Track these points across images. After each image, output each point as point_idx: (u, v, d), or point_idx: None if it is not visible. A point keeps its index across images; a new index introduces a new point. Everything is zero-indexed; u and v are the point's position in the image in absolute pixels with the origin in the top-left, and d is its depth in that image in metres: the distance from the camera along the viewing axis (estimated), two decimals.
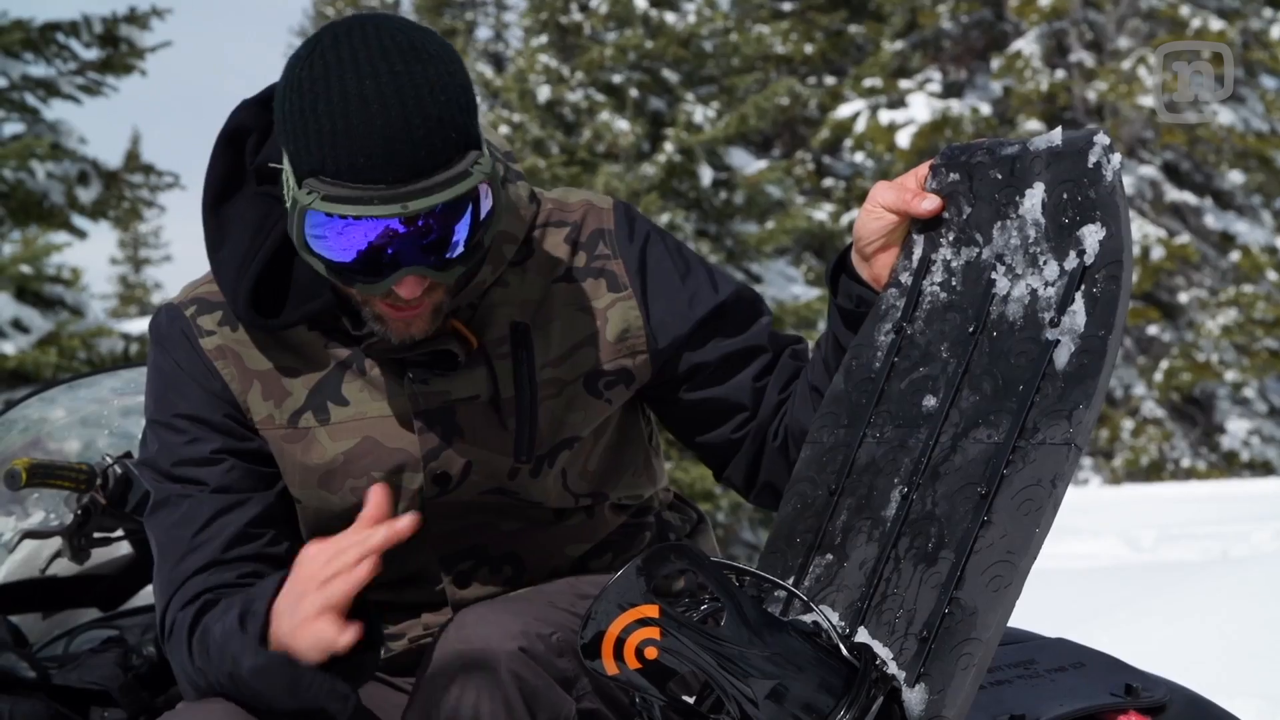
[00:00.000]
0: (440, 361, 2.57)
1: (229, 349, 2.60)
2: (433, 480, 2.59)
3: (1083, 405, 2.08)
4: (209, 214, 2.60)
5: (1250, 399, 27.64)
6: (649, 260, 2.69)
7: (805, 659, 2.04)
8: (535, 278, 2.65)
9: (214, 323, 2.62)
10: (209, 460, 2.58)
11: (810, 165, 31.91)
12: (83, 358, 14.40)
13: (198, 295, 2.65)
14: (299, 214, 2.34)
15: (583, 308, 2.65)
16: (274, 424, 2.59)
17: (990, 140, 2.34)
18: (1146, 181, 27.46)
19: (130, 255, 66.06)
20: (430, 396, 2.57)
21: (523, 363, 2.60)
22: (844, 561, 2.25)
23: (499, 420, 2.59)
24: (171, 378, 2.62)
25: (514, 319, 2.61)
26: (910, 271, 2.37)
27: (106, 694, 3.30)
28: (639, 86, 23.59)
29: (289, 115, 2.36)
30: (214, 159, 2.62)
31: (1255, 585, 7.74)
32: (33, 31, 14.48)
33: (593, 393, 2.64)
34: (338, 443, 2.58)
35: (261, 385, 2.59)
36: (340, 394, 2.58)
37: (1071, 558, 10.92)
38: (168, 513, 2.58)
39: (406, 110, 2.30)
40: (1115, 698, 2.46)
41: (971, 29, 30.91)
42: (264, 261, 2.54)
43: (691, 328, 2.66)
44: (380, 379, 2.57)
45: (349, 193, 2.30)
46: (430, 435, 2.57)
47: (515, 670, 2.29)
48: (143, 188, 15.65)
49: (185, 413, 2.60)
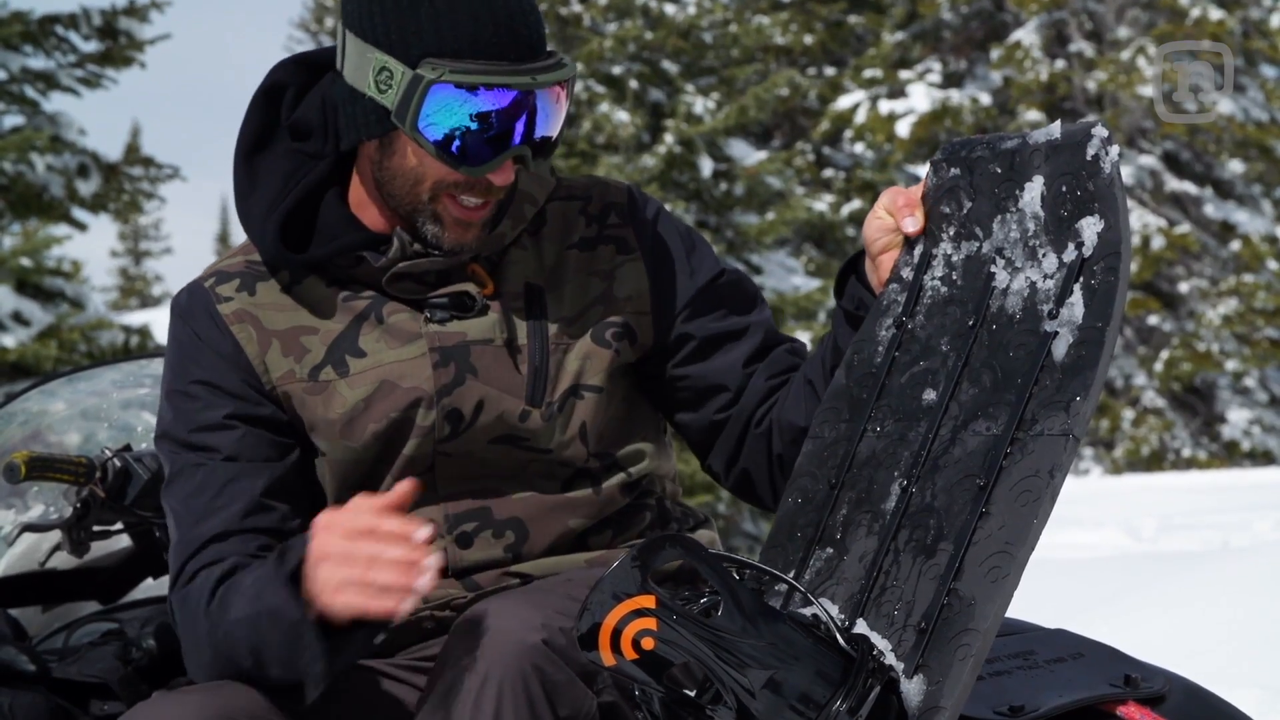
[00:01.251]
0: (458, 304, 2.65)
1: (247, 312, 2.66)
2: (445, 417, 2.62)
3: (1080, 396, 2.08)
4: (241, 164, 2.71)
5: (1251, 388, 27.65)
6: (658, 230, 2.79)
7: (802, 649, 2.04)
8: (549, 245, 2.74)
9: (232, 289, 2.68)
10: (223, 425, 2.62)
11: (810, 156, 31.88)
12: (83, 350, 14.40)
13: (217, 269, 2.74)
14: (421, 91, 2.49)
15: (593, 271, 2.73)
16: (295, 378, 2.64)
17: (990, 135, 2.35)
18: (1146, 171, 27.45)
19: (130, 248, 66.07)
20: (446, 335, 2.63)
21: (536, 317, 2.68)
22: (844, 555, 2.26)
23: (513, 364, 2.65)
24: (189, 347, 2.67)
25: (528, 280, 2.70)
26: (911, 267, 2.38)
27: (106, 687, 3.30)
28: (639, 78, 23.57)
29: (391, 5, 2.52)
30: (250, 112, 2.72)
31: (1256, 575, 7.74)
32: (32, 24, 14.46)
33: (600, 343, 2.69)
34: (356, 390, 2.62)
35: (280, 344, 2.64)
36: (358, 346, 2.64)
37: (1072, 548, 10.92)
38: (183, 483, 2.62)
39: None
40: (1114, 688, 2.46)
41: (971, 19, 30.89)
42: (292, 204, 2.65)
43: (690, 297, 2.74)
44: (397, 325, 2.64)
45: (477, 68, 2.48)
46: (445, 371, 2.62)
47: (537, 663, 2.27)
48: (142, 180, 15.64)
49: (200, 379, 2.64)
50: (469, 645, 2.32)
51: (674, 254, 2.78)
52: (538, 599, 2.37)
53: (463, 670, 2.30)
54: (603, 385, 2.69)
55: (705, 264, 2.78)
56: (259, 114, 2.72)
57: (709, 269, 2.77)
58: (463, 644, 2.33)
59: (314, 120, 2.70)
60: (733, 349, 2.73)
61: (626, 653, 2.03)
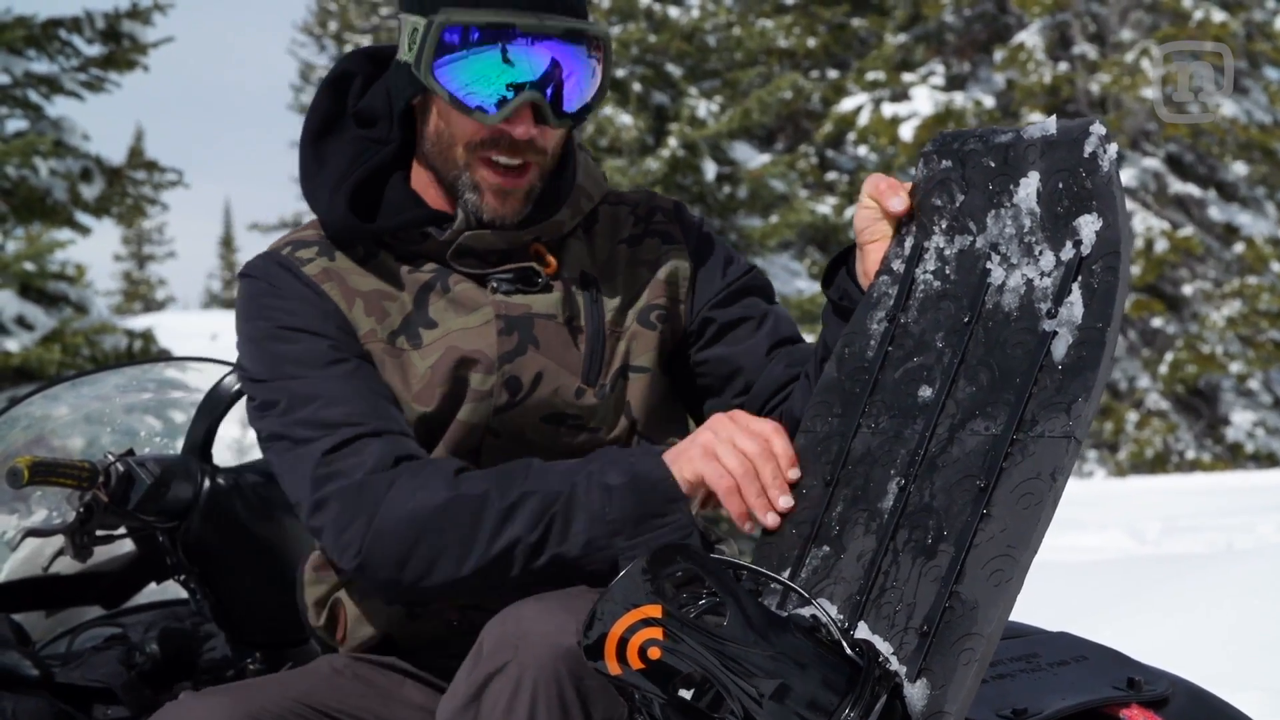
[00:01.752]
0: (523, 278, 2.71)
1: (332, 271, 2.71)
2: (504, 384, 2.66)
3: (1082, 398, 2.07)
4: (308, 147, 2.78)
5: (1255, 391, 27.61)
6: (702, 231, 2.88)
7: (808, 657, 2.04)
8: (601, 241, 2.83)
9: (311, 254, 2.74)
10: (332, 360, 2.63)
11: (814, 159, 31.88)
12: (86, 355, 14.40)
13: (291, 240, 2.79)
14: (434, 34, 2.57)
15: (641, 261, 2.81)
16: (376, 337, 2.68)
17: (982, 128, 2.34)
18: (1150, 174, 27.43)
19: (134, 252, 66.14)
20: (512, 305, 2.69)
21: (593, 301, 2.74)
22: (841, 553, 2.25)
23: (572, 341, 2.71)
24: (276, 296, 2.69)
25: (585, 269, 2.77)
26: (902, 259, 2.37)
27: (109, 692, 3.31)
28: (642, 81, 23.57)
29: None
30: (318, 98, 2.80)
31: (1260, 577, 7.73)
32: (35, 28, 14.47)
33: (645, 324, 2.77)
34: (427, 359, 2.66)
35: (364, 303, 2.69)
36: (429, 317, 2.69)
37: (1076, 550, 10.92)
38: (293, 403, 2.60)
39: None
40: (1118, 691, 2.46)
41: (974, 22, 30.88)
42: (363, 175, 2.71)
43: (720, 288, 2.82)
44: (463, 294, 2.70)
45: (487, 7, 2.55)
46: (508, 339, 2.67)
47: (572, 668, 2.25)
48: (146, 184, 15.65)
49: (294, 325, 2.66)
50: (502, 647, 2.30)
51: (713, 252, 2.86)
52: (571, 603, 2.35)
53: (495, 672, 2.28)
54: (649, 366, 2.76)
55: (737, 264, 2.87)
56: (326, 101, 2.79)
57: (739, 268, 2.87)
58: (495, 645, 2.31)
59: (379, 109, 2.77)
60: (754, 335, 2.80)
61: (633, 662, 2.02)
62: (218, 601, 3.43)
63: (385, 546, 2.45)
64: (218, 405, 3.56)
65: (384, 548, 2.45)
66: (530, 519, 2.41)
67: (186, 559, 3.39)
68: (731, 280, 2.84)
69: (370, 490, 2.47)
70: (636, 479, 2.40)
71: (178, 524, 3.36)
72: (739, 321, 2.81)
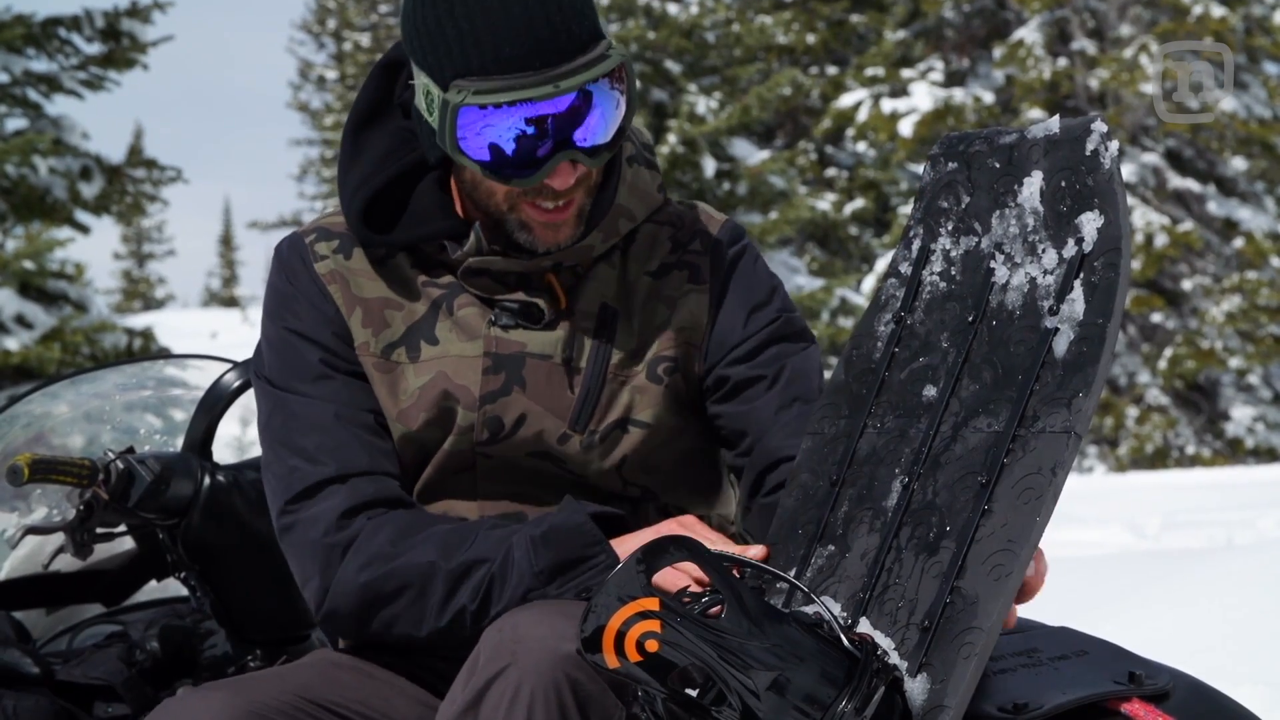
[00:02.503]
0: (527, 313, 2.67)
1: (339, 273, 2.70)
2: (485, 422, 2.64)
3: (1082, 393, 2.08)
4: (349, 135, 2.75)
5: (1255, 385, 27.62)
6: (737, 267, 2.76)
7: (807, 650, 2.04)
8: (633, 265, 2.74)
9: (329, 249, 2.73)
10: (320, 375, 2.66)
11: (813, 155, 31.89)
12: (86, 353, 14.43)
13: (321, 224, 2.78)
14: (451, 115, 2.49)
15: (662, 297, 2.73)
16: (368, 351, 2.68)
17: (988, 129, 2.34)
18: (1149, 169, 27.43)
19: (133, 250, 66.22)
20: (506, 343, 2.65)
21: (602, 342, 2.68)
22: (846, 552, 2.25)
23: (565, 384, 2.66)
24: (285, 296, 2.72)
25: (606, 300, 2.70)
26: (910, 261, 2.37)
27: (110, 689, 3.31)
28: (642, 78, 23.60)
29: (424, 28, 2.52)
30: (366, 84, 2.76)
31: (1260, 572, 7.73)
32: (35, 27, 14.50)
33: (653, 378, 2.69)
34: (419, 379, 2.66)
35: (363, 312, 2.68)
36: (433, 334, 2.67)
37: (1076, 545, 10.91)
38: (285, 420, 2.66)
39: (543, 1, 2.47)
40: (1119, 685, 2.46)
41: (973, 18, 30.87)
42: (383, 182, 2.67)
43: (739, 340, 2.71)
44: (464, 319, 2.67)
45: (500, 84, 2.46)
46: (494, 378, 2.64)
47: (570, 673, 2.25)
48: (145, 182, 15.69)
49: (295, 329, 2.69)
50: (500, 653, 2.30)
51: (741, 294, 2.74)
52: (569, 609, 2.35)
53: (494, 677, 2.28)
54: (651, 421, 2.69)
55: (766, 311, 2.74)
56: (373, 88, 2.74)
57: (766, 317, 2.73)
58: (493, 651, 2.32)
59: None
60: (765, 395, 2.69)
61: (631, 655, 2.02)
62: (218, 599, 3.43)
63: (342, 612, 2.57)
64: (217, 402, 3.56)
65: (341, 613, 2.57)
66: (473, 588, 2.48)
67: (187, 556, 3.39)
68: (752, 333, 2.71)
69: (324, 556, 2.57)
70: (553, 530, 2.46)
71: (178, 521, 3.36)
72: (753, 380, 2.70)
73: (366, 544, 2.54)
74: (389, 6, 52.93)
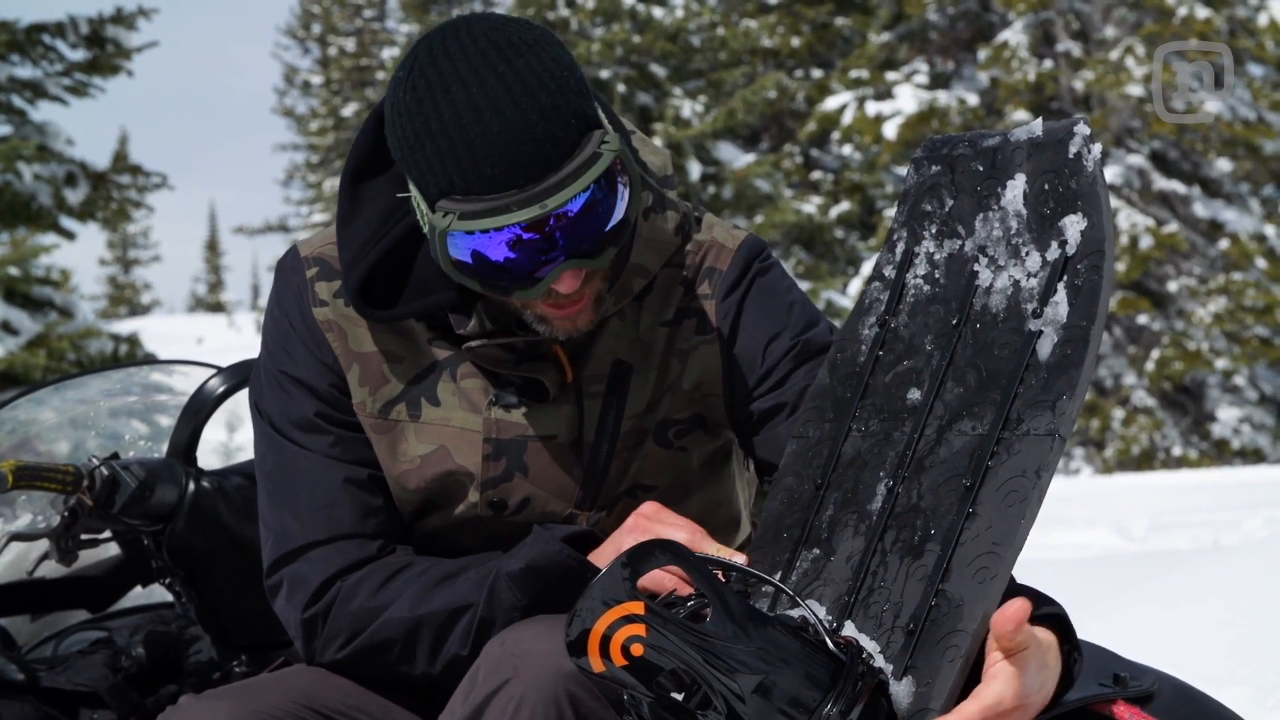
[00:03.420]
0: (531, 389, 2.58)
1: (336, 325, 2.61)
2: (489, 504, 2.61)
3: (1066, 396, 2.08)
4: (346, 189, 2.58)
5: (1241, 387, 27.64)
6: (745, 299, 2.67)
7: (791, 653, 2.04)
8: (649, 316, 2.64)
9: (329, 293, 2.63)
10: (315, 427, 2.62)
11: (798, 158, 31.91)
12: (71, 359, 14.41)
13: (323, 254, 2.66)
14: (440, 239, 2.33)
15: (674, 350, 2.65)
16: (365, 411, 2.62)
17: (971, 132, 2.34)
18: (1134, 170, 27.45)
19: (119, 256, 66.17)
20: (507, 426, 2.58)
21: (611, 408, 2.60)
22: (830, 555, 2.25)
23: (572, 462, 2.61)
24: (285, 335, 2.65)
25: (619, 356, 2.61)
26: (893, 265, 2.37)
27: (95, 695, 3.30)
28: (627, 81, 23.60)
29: (404, 142, 2.35)
30: (361, 135, 2.58)
31: (1246, 573, 7.75)
32: (19, 33, 14.48)
33: (661, 443, 2.65)
34: (421, 444, 2.60)
35: (360, 369, 2.61)
36: (435, 394, 2.60)
37: (1063, 547, 10.92)
38: (279, 469, 2.63)
39: (521, 109, 2.28)
40: (1104, 687, 2.46)
41: (958, 20, 30.91)
42: (384, 251, 2.52)
43: (759, 376, 2.64)
44: (469, 392, 2.59)
45: (484, 205, 2.28)
46: (495, 464, 2.59)
47: (570, 689, 2.25)
48: (130, 188, 15.67)
49: (293, 374, 2.63)
50: (501, 667, 2.30)
51: (754, 330, 2.65)
52: None
53: (494, 691, 2.28)
54: (661, 485, 2.66)
55: (784, 340, 2.64)
56: (370, 138, 2.56)
57: (784, 345, 2.64)
58: (494, 665, 2.31)
59: None
60: (786, 422, 2.62)
61: (616, 659, 2.02)
62: (203, 604, 3.43)
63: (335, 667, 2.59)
64: (202, 408, 3.56)
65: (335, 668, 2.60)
66: (461, 634, 2.48)
67: (171, 562, 3.39)
68: (771, 366, 2.62)
69: (306, 629, 2.58)
70: (530, 567, 2.44)
71: (163, 527, 3.36)
72: (775, 410, 2.62)
73: (342, 609, 2.54)
74: (373, 12, 52.97)
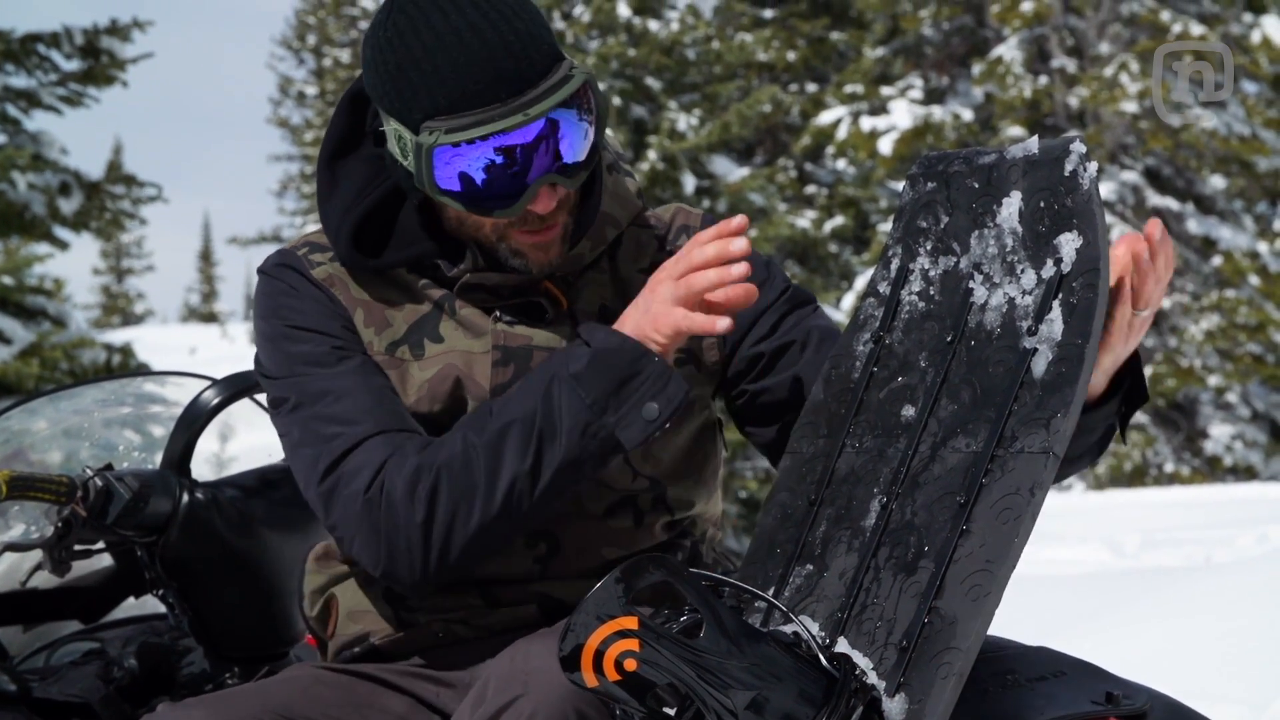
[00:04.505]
0: (530, 312, 2.68)
1: (336, 278, 2.71)
2: None
3: (1060, 414, 2.08)
4: (324, 168, 2.75)
5: (1233, 404, 27.67)
6: None
7: (785, 669, 2.04)
8: (626, 265, 2.77)
9: (323, 259, 2.73)
10: (338, 358, 2.65)
11: (792, 172, 31.91)
12: (65, 369, 14.39)
13: (309, 240, 2.78)
14: (426, 157, 2.50)
15: None
16: (374, 350, 2.68)
17: (967, 149, 2.34)
18: (1128, 187, 27.49)
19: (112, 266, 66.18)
20: (513, 336, 2.66)
21: None
22: (824, 572, 2.25)
23: None
24: (286, 297, 2.71)
25: (604, 302, 2.71)
26: (888, 281, 2.37)
27: (87, 706, 3.30)
28: (622, 94, 23.60)
29: (388, 73, 2.54)
30: (336, 116, 2.76)
31: (1239, 590, 7.75)
32: (13, 43, 14.48)
33: None
34: (425, 372, 2.66)
35: (365, 312, 2.69)
36: (437, 332, 2.68)
37: (1055, 564, 10.93)
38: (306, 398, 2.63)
39: (500, 30, 2.49)
40: (1096, 706, 2.46)
41: (953, 35, 30.94)
42: (368, 207, 2.67)
43: (756, 316, 2.73)
44: (470, 319, 2.68)
45: (470, 119, 2.47)
46: (504, 370, 2.65)
47: (579, 707, 2.24)
48: (124, 199, 15.65)
49: (302, 325, 2.68)
50: (511, 683, 2.29)
51: None
52: None
53: (504, 708, 2.27)
54: None
55: (774, 284, 2.77)
56: (344, 119, 2.74)
57: (776, 288, 2.76)
58: (504, 682, 2.31)
59: None
60: (801, 356, 2.71)
61: (609, 674, 2.02)
62: (196, 616, 3.43)
63: (400, 552, 2.51)
64: (196, 419, 3.56)
65: (400, 554, 2.51)
66: (518, 447, 2.48)
67: (165, 574, 3.39)
68: (765, 307, 2.74)
69: (372, 505, 2.52)
70: (597, 355, 2.46)
71: (156, 539, 3.36)
72: (785, 348, 2.72)
73: (398, 470, 2.51)
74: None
